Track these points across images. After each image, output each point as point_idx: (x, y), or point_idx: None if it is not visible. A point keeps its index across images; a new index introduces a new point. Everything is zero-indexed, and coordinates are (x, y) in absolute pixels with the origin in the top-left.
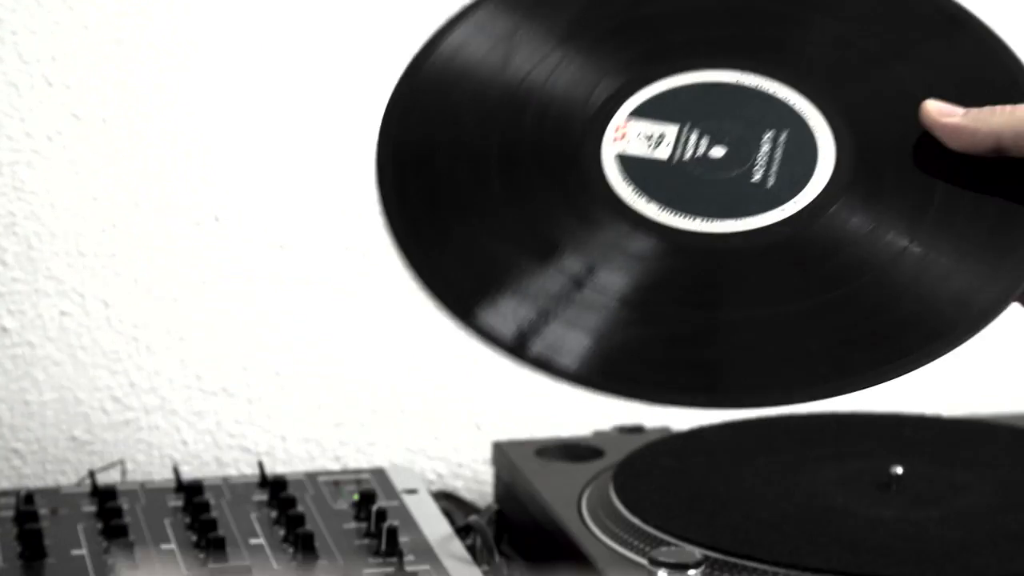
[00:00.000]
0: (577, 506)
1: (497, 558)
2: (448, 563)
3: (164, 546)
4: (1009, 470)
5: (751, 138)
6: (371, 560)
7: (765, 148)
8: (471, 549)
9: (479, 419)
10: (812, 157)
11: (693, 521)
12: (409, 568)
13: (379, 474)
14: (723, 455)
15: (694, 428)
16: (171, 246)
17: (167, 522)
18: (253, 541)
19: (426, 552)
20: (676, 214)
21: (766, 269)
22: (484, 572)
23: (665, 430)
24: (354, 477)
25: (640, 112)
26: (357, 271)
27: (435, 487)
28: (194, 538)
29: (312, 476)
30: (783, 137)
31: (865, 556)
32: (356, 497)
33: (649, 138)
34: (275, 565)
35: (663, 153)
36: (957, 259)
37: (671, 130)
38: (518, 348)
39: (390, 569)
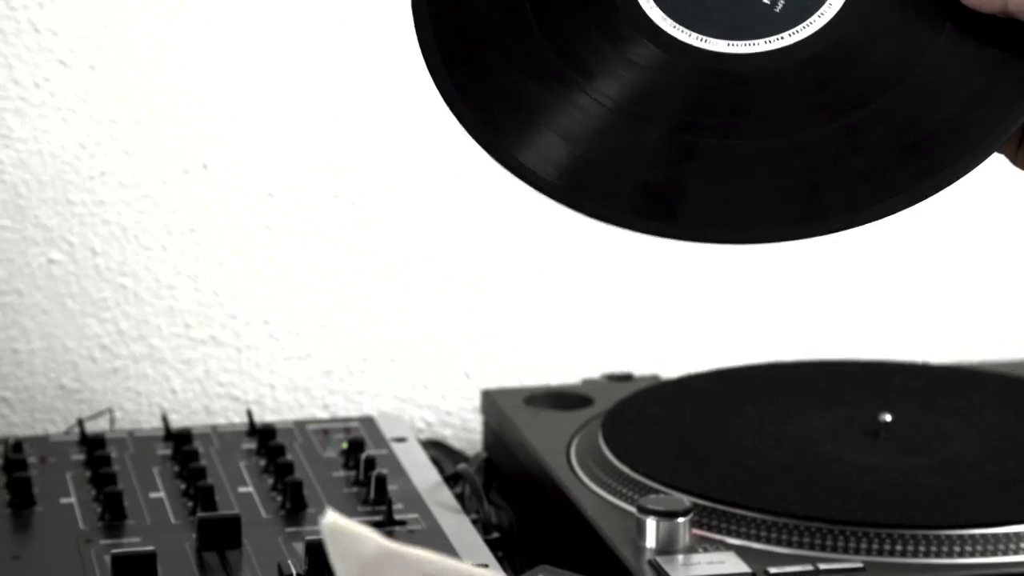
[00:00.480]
0: (566, 454)
1: (486, 506)
2: (437, 511)
3: (152, 494)
4: (996, 418)
5: None
6: (360, 508)
7: None
8: (460, 497)
9: (468, 367)
10: None
11: (682, 469)
12: (398, 516)
13: (368, 422)
14: (712, 403)
15: (683, 376)
16: (159, 194)
17: (155, 470)
18: (242, 489)
19: (415, 500)
20: (684, 31)
21: (753, 98)
22: (473, 520)
23: (654, 378)
24: (343, 425)
25: None
26: (346, 220)
27: (424, 435)
28: (183, 486)
29: (301, 424)
30: None
31: (854, 503)
32: (345, 445)
33: None
34: (264, 513)
35: None
36: (969, 75)
37: None
38: (504, 155)
39: (379, 517)
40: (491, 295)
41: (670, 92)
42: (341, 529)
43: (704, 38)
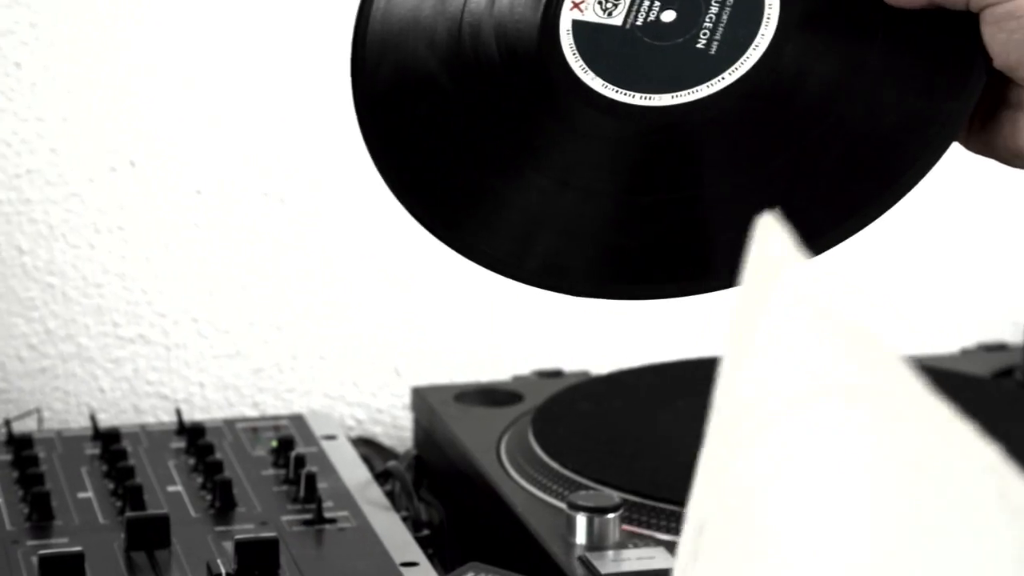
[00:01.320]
0: (496, 451)
1: (416, 503)
2: (367, 509)
3: (81, 494)
4: None
5: (700, 1)
6: (289, 507)
7: (713, 10)
8: (390, 495)
9: (398, 364)
10: (757, 19)
11: (612, 465)
12: (328, 514)
13: (297, 420)
14: (642, 399)
15: (613, 372)
16: (87, 192)
17: (84, 470)
18: (171, 488)
19: (345, 498)
20: (626, 93)
21: (704, 145)
22: (403, 517)
23: (584, 374)
24: (272, 424)
25: None
26: (274, 217)
27: (354, 433)
28: (111, 486)
29: (230, 423)
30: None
31: None
32: (274, 444)
33: (602, 3)
34: (193, 512)
35: (617, 19)
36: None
37: None
38: (516, 268)
39: (308, 515)
40: (420, 292)
41: (623, 156)
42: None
43: (648, 96)
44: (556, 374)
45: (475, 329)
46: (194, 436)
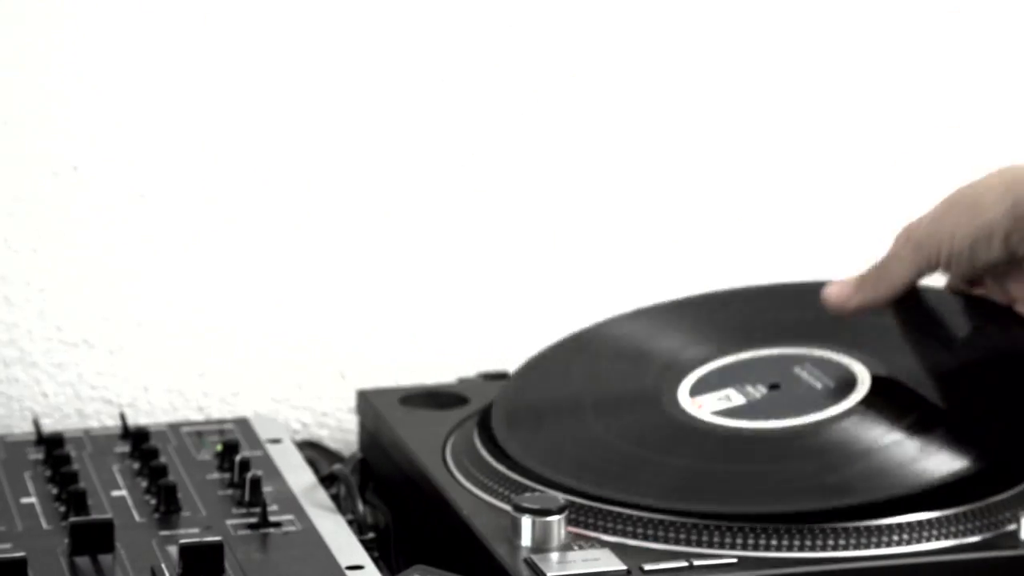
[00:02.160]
0: (441, 453)
1: (361, 507)
2: (312, 512)
3: (24, 499)
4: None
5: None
6: (234, 511)
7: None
8: (335, 498)
9: (343, 368)
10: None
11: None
12: (273, 518)
13: (243, 424)
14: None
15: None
16: (29, 196)
17: (27, 475)
18: (115, 493)
19: (290, 502)
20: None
21: None
22: (348, 521)
23: None
24: (217, 427)
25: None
26: (218, 221)
27: (300, 437)
28: (55, 491)
29: (175, 427)
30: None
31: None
32: (219, 448)
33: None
34: (137, 517)
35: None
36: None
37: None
38: None
39: (253, 519)
40: (365, 295)
41: None
42: None
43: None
44: (501, 376)
45: (420, 332)
46: (138, 440)
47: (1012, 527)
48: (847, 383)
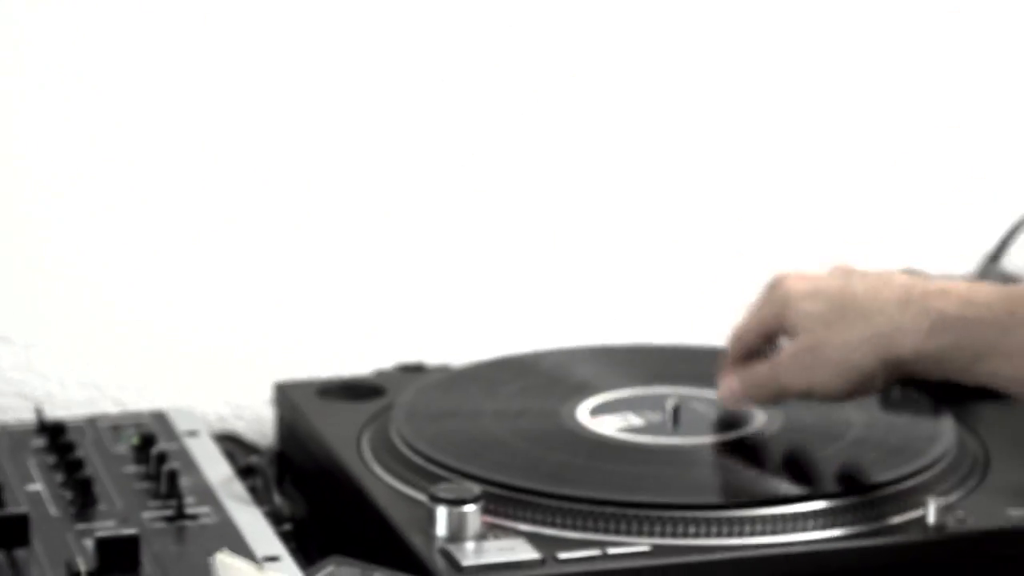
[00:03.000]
0: (357, 445)
1: (278, 498)
2: (229, 504)
3: None
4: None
5: None
6: (151, 503)
7: None
8: (252, 490)
9: (261, 360)
10: None
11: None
12: (189, 510)
13: (159, 417)
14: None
15: (472, 365)
16: None
17: None
18: (31, 487)
19: (207, 494)
20: None
21: None
22: (265, 513)
23: (445, 368)
24: (134, 420)
25: None
26: (131, 212)
27: (217, 429)
28: None
29: (91, 421)
30: None
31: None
32: (136, 440)
33: None
34: (53, 511)
35: None
36: None
37: None
38: None
39: (170, 512)
40: (281, 287)
41: None
42: (229, 566)
43: None
44: (418, 368)
45: (337, 324)
46: (55, 434)
47: (920, 513)
48: (743, 421)
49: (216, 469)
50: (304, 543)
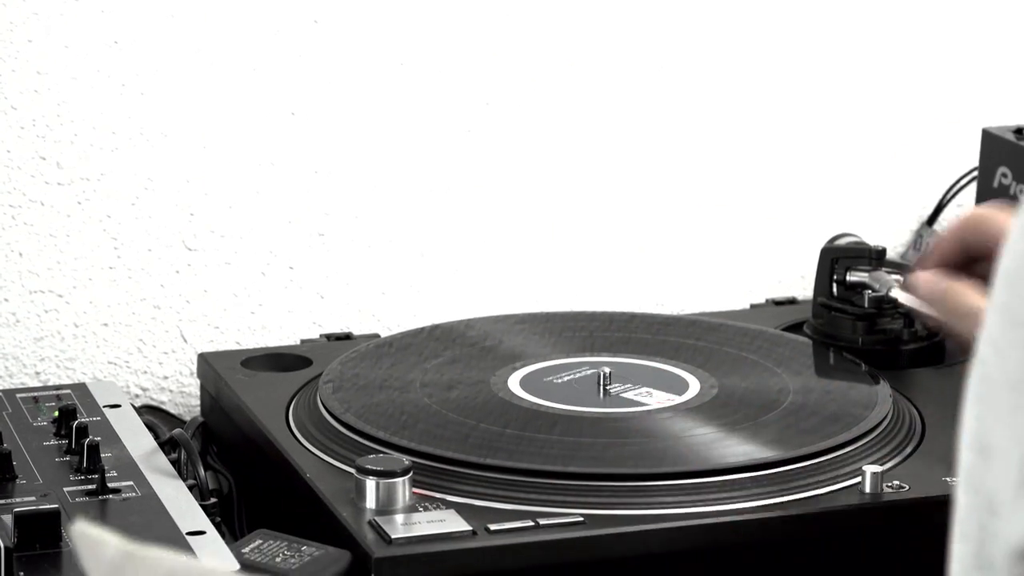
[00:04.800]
0: (284, 416)
1: (202, 472)
2: (152, 477)
3: None
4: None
5: None
6: (72, 477)
7: None
8: (176, 463)
9: (184, 330)
10: None
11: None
12: (112, 484)
13: (80, 389)
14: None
15: (401, 333)
16: None
17: None
18: None
19: (129, 467)
20: None
21: None
22: (190, 486)
23: (373, 337)
24: (54, 393)
25: None
26: (51, 180)
27: (140, 401)
28: None
29: (10, 393)
30: None
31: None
32: (56, 413)
33: None
34: None
35: None
36: None
37: None
38: None
39: (92, 486)
40: (204, 256)
41: None
42: (86, 534)
43: None
44: (345, 337)
45: (262, 293)
46: None
47: (856, 480)
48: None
49: (139, 442)
50: (230, 517)
